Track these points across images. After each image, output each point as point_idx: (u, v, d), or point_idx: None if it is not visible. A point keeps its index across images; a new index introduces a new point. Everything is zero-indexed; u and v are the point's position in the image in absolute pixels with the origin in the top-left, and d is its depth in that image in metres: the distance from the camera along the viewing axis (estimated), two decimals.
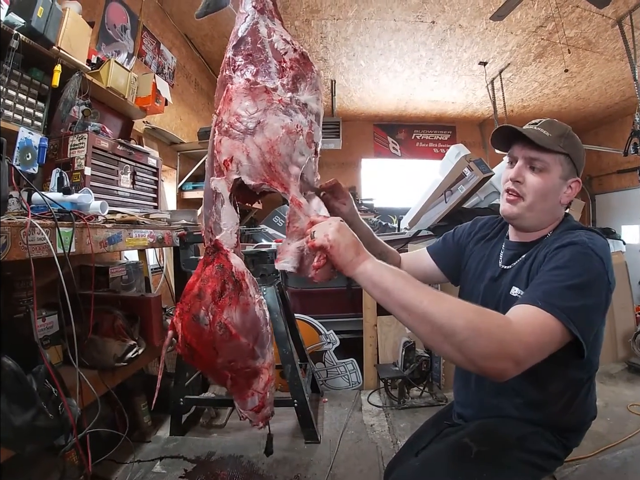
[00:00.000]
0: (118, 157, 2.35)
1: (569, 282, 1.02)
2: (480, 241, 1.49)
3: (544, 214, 1.27)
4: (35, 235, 1.34)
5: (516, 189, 1.26)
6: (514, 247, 1.35)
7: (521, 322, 0.93)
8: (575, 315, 0.98)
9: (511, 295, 1.24)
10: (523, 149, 1.26)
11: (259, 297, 1.10)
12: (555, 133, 1.25)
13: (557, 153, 1.23)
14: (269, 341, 1.12)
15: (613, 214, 7.26)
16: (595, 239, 1.13)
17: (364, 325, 3.32)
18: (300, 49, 1.16)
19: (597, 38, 4.35)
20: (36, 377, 1.37)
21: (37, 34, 1.86)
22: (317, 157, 1.13)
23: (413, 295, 0.91)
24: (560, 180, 1.25)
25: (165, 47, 3.93)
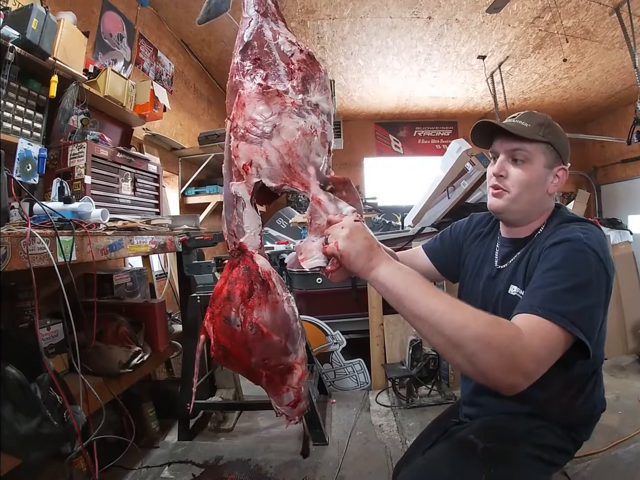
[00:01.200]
0: (118, 164, 2.36)
1: (566, 284, 1.01)
2: (477, 239, 1.49)
3: (531, 206, 1.26)
4: (36, 244, 1.35)
5: (500, 184, 1.25)
6: (507, 244, 1.34)
7: (528, 334, 0.90)
8: (577, 318, 0.96)
9: (509, 294, 1.23)
10: (503, 142, 1.25)
11: (287, 294, 1.11)
12: (534, 123, 1.24)
13: (538, 142, 1.22)
14: (299, 337, 1.12)
15: (619, 204, 7.21)
16: (589, 232, 1.11)
17: (370, 325, 3.31)
18: (306, 50, 1.16)
19: (595, 27, 4.32)
20: (40, 386, 1.39)
21: (33, 45, 1.88)
22: (331, 155, 1.14)
23: (425, 305, 0.89)
24: (545, 169, 1.23)
25: (162, 54, 3.95)
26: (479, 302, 1.34)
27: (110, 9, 3.09)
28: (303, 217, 4.08)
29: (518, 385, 0.87)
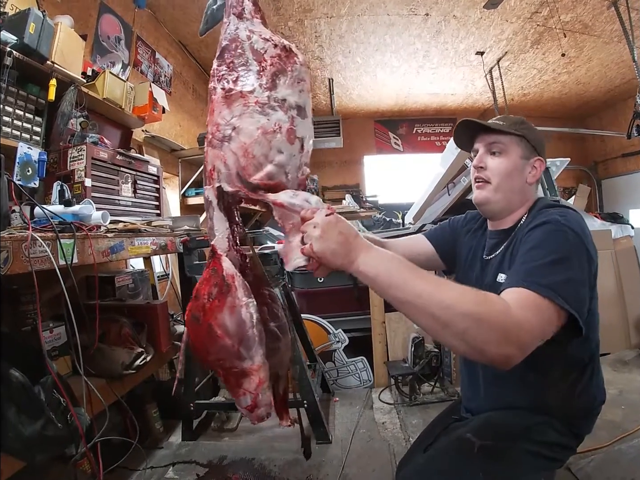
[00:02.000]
0: (118, 166, 2.37)
1: (547, 259, 1.03)
2: (468, 233, 1.54)
3: (512, 194, 1.32)
4: (37, 248, 1.35)
5: (482, 175, 1.34)
6: (494, 236, 1.39)
7: (516, 307, 0.90)
8: (561, 289, 0.96)
9: (498, 282, 1.25)
10: (481, 138, 1.37)
11: (248, 300, 1.12)
12: (509, 122, 1.34)
13: (512, 135, 1.31)
14: (256, 344, 1.12)
15: (620, 199, 7.18)
16: (568, 216, 1.14)
17: (372, 323, 3.32)
18: (281, 43, 1.16)
19: (594, 21, 4.31)
20: (44, 388, 1.39)
21: (31, 50, 1.88)
22: (305, 151, 1.13)
23: (411, 288, 0.88)
24: (522, 160, 1.32)
25: (160, 56, 3.95)
26: None
27: (107, 11, 3.10)
28: None
29: (513, 356, 0.87)
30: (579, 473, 1.95)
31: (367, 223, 4.60)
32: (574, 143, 7.67)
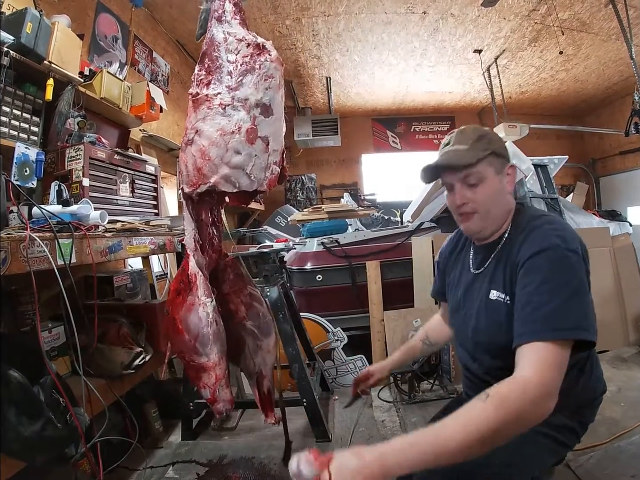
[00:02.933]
0: (116, 166, 2.37)
1: (562, 297, 1.04)
2: (452, 254, 1.55)
3: (499, 212, 1.30)
4: (35, 248, 1.35)
5: (467, 209, 1.28)
6: (480, 251, 1.38)
7: (536, 370, 0.95)
8: (583, 322, 1.03)
9: (490, 299, 1.26)
10: (452, 174, 1.28)
11: (206, 299, 1.16)
12: (469, 140, 1.27)
13: (483, 158, 1.24)
14: (211, 342, 1.16)
15: (618, 196, 7.20)
16: (563, 232, 1.15)
17: (371, 321, 3.32)
18: (254, 42, 1.16)
19: (591, 18, 4.32)
20: (43, 388, 1.39)
21: (28, 49, 1.88)
22: (271, 150, 1.13)
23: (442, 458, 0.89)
24: (498, 176, 1.28)
25: (158, 55, 3.95)
26: (462, 309, 1.40)
27: (104, 10, 3.09)
28: (302, 214, 4.08)
29: (549, 410, 0.95)
30: (578, 470, 1.96)
31: (365, 221, 4.59)
32: (572, 141, 7.68)
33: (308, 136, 6.43)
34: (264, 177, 1.12)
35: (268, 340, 1.25)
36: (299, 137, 6.47)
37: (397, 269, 3.44)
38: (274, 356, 1.26)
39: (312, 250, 3.52)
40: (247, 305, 1.34)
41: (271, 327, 1.28)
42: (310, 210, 4.12)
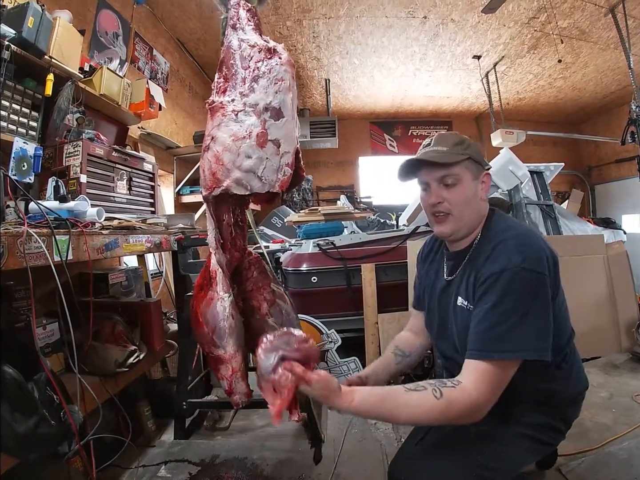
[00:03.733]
0: (113, 163, 2.36)
1: (511, 319, 1.11)
2: (426, 260, 1.57)
3: (472, 217, 1.33)
4: (32, 244, 1.35)
5: (441, 209, 1.31)
6: (452, 257, 1.41)
7: (478, 387, 1.08)
8: (529, 344, 1.11)
9: (458, 305, 1.31)
10: (430, 172, 1.32)
11: (224, 294, 1.21)
12: (449, 144, 1.31)
13: (461, 161, 1.28)
14: (227, 335, 1.21)
15: (613, 204, 7.25)
16: (528, 249, 1.18)
17: (365, 323, 3.32)
18: (265, 46, 1.19)
19: (591, 27, 4.35)
20: (37, 385, 1.38)
21: (29, 44, 1.87)
22: (282, 152, 1.15)
23: (391, 418, 1.16)
24: (474, 181, 1.31)
25: (158, 52, 3.94)
26: (437, 316, 1.44)
27: (106, 7, 3.09)
28: (299, 216, 4.08)
29: (482, 417, 1.09)
30: (569, 474, 1.97)
31: (362, 224, 4.59)
32: (568, 148, 7.73)
33: (306, 137, 6.43)
34: (276, 179, 1.14)
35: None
36: None
37: (392, 272, 3.45)
38: None
39: (307, 252, 3.52)
40: (269, 302, 1.39)
41: (294, 324, 1.33)
42: (306, 211, 4.12)
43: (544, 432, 1.32)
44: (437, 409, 1.06)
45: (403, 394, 1.10)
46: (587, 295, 3.40)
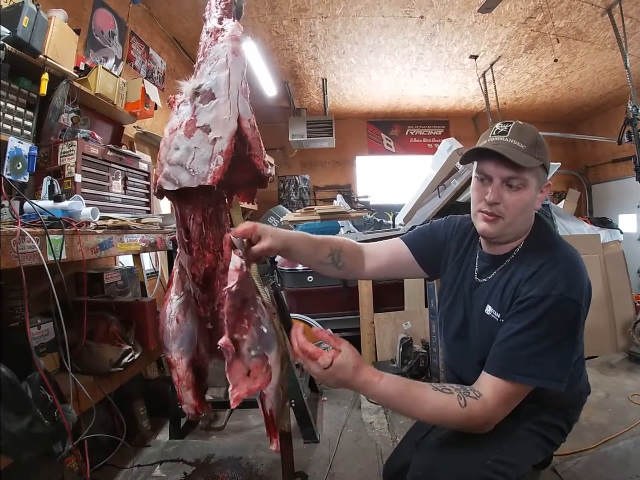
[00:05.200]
0: (108, 162, 2.36)
1: (538, 346, 1.09)
2: (458, 248, 1.45)
3: (521, 226, 1.25)
4: (26, 243, 1.34)
5: (494, 210, 1.19)
6: (487, 259, 1.33)
7: (493, 404, 1.09)
8: (552, 373, 1.10)
9: (485, 313, 1.26)
10: (498, 167, 1.17)
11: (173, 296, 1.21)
12: (528, 142, 1.17)
13: (534, 168, 1.17)
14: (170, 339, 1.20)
15: (610, 204, 7.25)
16: (572, 277, 1.14)
17: (361, 323, 3.33)
18: (214, 28, 1.11)
19: (587, 27, 4.35)
20: (31, 384, 1.38)
21: (23, 43, 1.87)
22: (210, 138, 1.05)
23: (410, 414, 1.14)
24: (536, 191, 1.21)
25: (154, 52, 3.94)
26: (461, 314, 1.38)
27: (101, 6, 3.08)
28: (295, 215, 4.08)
29: (490, 429, 1.12)
30: (565, 474, 1.98)
31: (358, 223, 4.60)
32: (565, 148, 7.73)
33: (303, 137, 6.42)
34: (207, 170, 1.03)
35: (269, 354, 1.17)
36: (293, 137, 6.47)
37: None
38: (277, 373, 1.17)
39: None
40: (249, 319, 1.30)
41: (272, 339, 1.19)
42: (302, 211, 4.13)
43: (552, 431, 1.32)
44: (458, 417, 1.07)
45: (430, 391, 1.09)
46: None
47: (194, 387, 1.21)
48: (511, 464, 1.19)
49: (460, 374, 1.43)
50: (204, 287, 1.17)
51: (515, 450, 1.22)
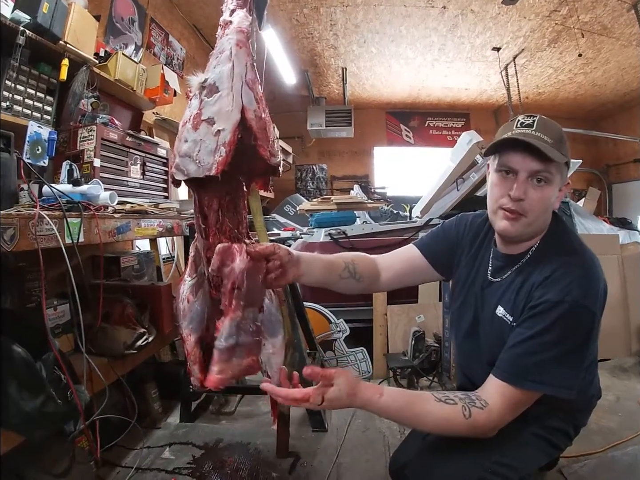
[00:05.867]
0: (127, 148, 2.38)
1: (552, 352, 1.07)
2: (472, 245, 1.43)
3: (541, 225, 1.21)
4: (44, 226, 1.37)
5: (517, 208, 1.14)
6: (501, 258, 1.30)
7: (500, 410, 1.08)
8: (562, 381, 1.08)
9: (497, 314, 1.24)
10: (526, 160, 1.11)
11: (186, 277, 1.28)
12: (554, 137, 1.12)
13: (559, 163, 1.12)
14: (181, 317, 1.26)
15: (630, 204, 7.13)
16: (588, 283, 1.10)
17: (374, 314, 3.32)
18: (224, 21, 1.12)
19: (613, 23, 4.26)
20: (45, 364, 1.41)
21: (43, 29, 1.89)
22: (214, 129, 1.07)
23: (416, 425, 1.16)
24: (558, 188, 1.17)
25: (174, 38, 3.95)
26: (472, 313, 1.37)
27: None
28: (311, 204, 4.08)
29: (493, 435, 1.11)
30: (571, 477, 1.95)
31: (374, 214, 4.58)
32: (587, 145, 7.60)
33: (321, 126, 6.41)
34: (212, 161, 1.06)
35: (273, 340, 1.22)
36: (312, 126, 6.46)
37: None
38: (280, 358, 1.22)
39: (319, 241, 3.52)
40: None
41: (277, 326, 1.24)
42: (319, 200, 4.12)
43: (557, 435, 1.30)
44: (463, 428, 1.07)
45: (434, 403, 1.08)
46: None
47: (200, 362, 1.26)
48: (512, 466, 1.18)
49: (470, 375, 1.42)
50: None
51: (517, 453, 1.21)
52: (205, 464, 2.09)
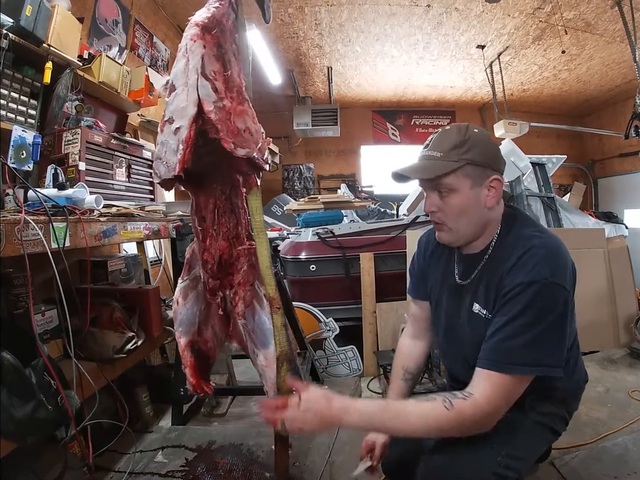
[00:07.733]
0: (112, 151, 2.37)
1: (531, 333, 1.06)
2: (432, 256, 1.47)
3: (475, 227, 1.23)
4: (30, 231, 1.36)
5: (435, 219, 1.24)
6: (464, 259, 1.33)
7: (487, 398, 1.05)
8: (545, 359, 1.07)
9: (473, 311, 1.25)
10: (421, 180, 1.23)
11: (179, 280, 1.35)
12: (447, 146, 1.16)
13: (456, 170, 1.15)
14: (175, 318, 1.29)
15: (615, 198, 7.22)
16: (554, 261, 1.12)
17: (363, 313, 3.34)
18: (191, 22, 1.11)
19: (597, 19, 4.31)
20: (35, 370, 1.40)
21: (27, 32, 1.87)
22: (175, 129, 1.07)
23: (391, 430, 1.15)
24: (474, 189, 1.18)
25: (158, 39, 3.93)
26: (446, 316, 1.38)
27: None
28: (298, 204, 4.08)
29: (489, 428, 1.08)
30: (562, 468, 1.98)
31: (362, 213, 4.59)
32: (571, 141, 7.68)
33: (307, 126, 6.40)
34: (176, 160, 1.06)
35: (265, 352, 1.18)
36: (298, 126, 6.45)
37: (390, 261, 3.46)
38: (273, 372, 1.18)
39: (306, 240, 3.53)
40: (246, 303, 1.29)
41: (268, 337, 1.19)
42: (306, 200, 4.12)
43: (556, 421, 1.32)
44: (449, 420, 1.04)
45: (412, 402, 1.10)
46: (586, 289, 3.39)
47: (192, 367, 1.25)
48: (520, 457, 1.19)
49: (455, 374, 1.44)
50: (215, 274, 1.20)
51: (524, 444, 1.22)
52: (198, 466, 2.09)
